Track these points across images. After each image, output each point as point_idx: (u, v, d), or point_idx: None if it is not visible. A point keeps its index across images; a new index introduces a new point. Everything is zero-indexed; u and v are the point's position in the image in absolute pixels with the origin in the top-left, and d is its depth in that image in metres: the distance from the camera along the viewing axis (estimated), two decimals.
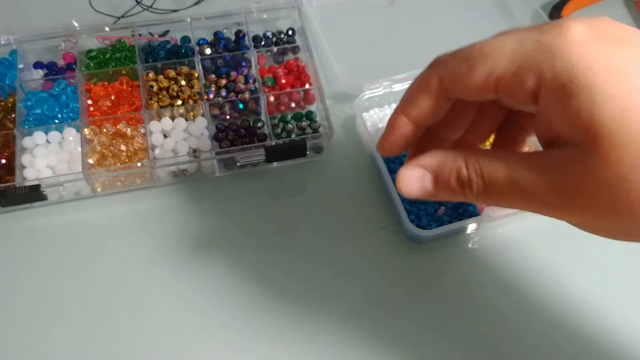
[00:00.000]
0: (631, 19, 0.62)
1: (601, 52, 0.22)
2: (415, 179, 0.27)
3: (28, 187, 0.43)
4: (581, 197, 0.23)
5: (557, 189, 0.23)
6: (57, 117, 0.48)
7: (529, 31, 0.24)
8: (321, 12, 0.58)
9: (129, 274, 0.43)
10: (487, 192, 0.25)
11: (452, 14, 0.60)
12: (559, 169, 0.23)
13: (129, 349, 0.40)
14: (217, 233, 0.46)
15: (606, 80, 0.22)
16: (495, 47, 0.24)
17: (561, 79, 0.22)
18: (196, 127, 0.49)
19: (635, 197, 0.22)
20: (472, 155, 0.26)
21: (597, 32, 0.23)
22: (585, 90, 0.22)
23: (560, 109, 0.23)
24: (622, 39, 0.23)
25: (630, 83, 0.22)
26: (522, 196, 0.24)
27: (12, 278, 0.43)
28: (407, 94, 0.28)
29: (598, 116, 0.22)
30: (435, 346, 0.41)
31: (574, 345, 0.41)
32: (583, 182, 0.22)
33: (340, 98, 0.53)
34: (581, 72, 0.22)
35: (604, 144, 0.22)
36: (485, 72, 0.24)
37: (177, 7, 0.58)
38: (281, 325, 0.42)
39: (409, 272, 0.44)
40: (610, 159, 0.22)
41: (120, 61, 0.52)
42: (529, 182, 0.24)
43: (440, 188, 0.27)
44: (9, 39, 0.52)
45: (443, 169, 0.26)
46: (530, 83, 0.23)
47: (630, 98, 0.21)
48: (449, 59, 0.26)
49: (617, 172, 0.22)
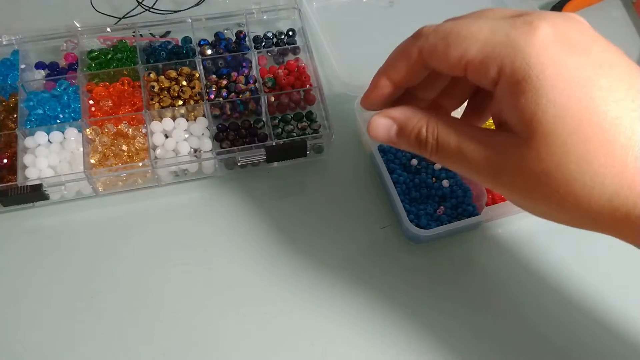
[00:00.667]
0: (630, 20, 0.62)
1: (556, 58, 0.25)
2: (383, 126, 0.31)
3: (30, 187, 0.44)
4: (509, 177, 0.27)
5: (492, 167, 0.28)
6: (58, 117, 0.49)
7: (504, 21, 0.27)
8: (321, 13, 0.58)
9: (130, 273, 0.44)
10: (438, 154, 0.30)
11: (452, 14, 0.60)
12: (498, 151, 0.28)
13: (131, 349, 0.41)
14: (217, 232, 0.46)
15: (553, 85, 0.25)
16: (472, 33, 0.27)
17: (517, 76, 0.26)
18: (197, 127, 0.49)
19: (553, 188, 0.26)
20: (434, 119, 0.30)
21: (560, 35, 0.26)
22: (534, 91, 0.25)
23: (511, 101, 0.26)
24: (578, 46, 0.26)
25: (572, 91, 0.25)
26: (464, 164, 0.29)
27: (14, 277, 0.43)
28: (390, 58, 0.31)
29: (539, 116, 0.25)
30: (435, 346, 0.41)
31: (573, 344, 0.41)
32: (514, 166, 0.27)
33: (340, 98, 0.53)
34: (535, 74, 0.25)
35: (539, 140, 0.26)
36: (459, 54, 0.28)
37: (178, 8, 0.58)
38: (281, 326, 0.42)
39: (408, 272, 0.44)
40: (540, 154, 0.26)
41: (121, 62, 0.52)
42: (472, 155, 0.28)
43: (402, 139, 0.31)
44: (11, 39, 0.52)
45: (407, 125, 0.31)
46: (492, 73, 0.27)
47: (568, 105, 0.25)
48: (430, 34, 0.29)
49: (544, 166, 0.26)
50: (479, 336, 0.42)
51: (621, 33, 0.61)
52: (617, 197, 0.25)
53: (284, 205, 0.48)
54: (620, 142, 0.25)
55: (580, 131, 0.25)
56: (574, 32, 0.26)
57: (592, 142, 0.25)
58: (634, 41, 0.60)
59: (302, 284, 0.43)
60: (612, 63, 0.26)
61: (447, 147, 0.29)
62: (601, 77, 0.25)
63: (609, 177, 0.25)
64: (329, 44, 0.54)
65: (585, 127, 0.25)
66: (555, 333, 0.42)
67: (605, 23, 0.61)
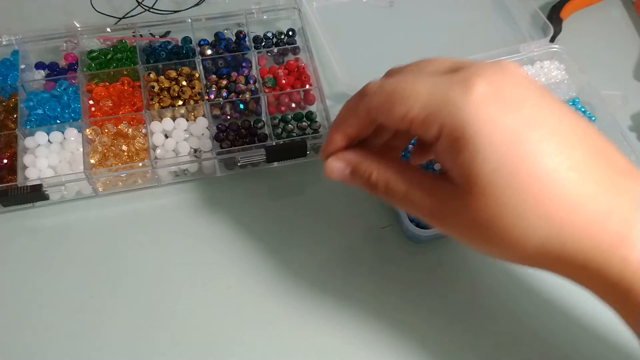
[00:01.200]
0: (630, 20, 0.62)
1: (491, 117, 0.28)
2: (337, 169, 0.35)
3: (30, 187, 0.44)
4: (451, 223, 0.31)
5: (436, 214, 0.31)
6: (58, 118, 0.49)
7: (443, 79, 0.29)
8: (321, 13, 0.58)
9: (130, 273, 0.44)
10: (388, 197, 0.33)
11: (452, 14, 0.61)
12: (442, 200, 0.31)
13: (131, 349, 0.41)
14: (217, 233, 0.46)
15: (489, 143, 0.27)
16: (413, 92, 0.30)
17: (455, 134, 0.28)
18: (197, 127, 0.49)
19: (492, 235, 0.29)
20: (384, 165, 0.33)
21: (494, 92, 0.28)
22: (471, 149, 0.28)
23: (451, 157, 0.29)
24: (512, 102, 0.28)
25: (506, 149, 0.27)
26: (411, 209, 0.32)
27: (14, 277, 0.43)
28: (341, 115, 0.34)
29: (476, 171, 0.28)
30: (435, 345, 0.41)
31: (574, 344, 0.41)
32: (456, 214, 0.30)
33: (340, 98, 0.53)
34: (471, 133, 0.28)
35: (477, 193, 0.28)
36: (403, 112, 0.30)
37: (178, 8, 0.58)
38: (280, 326, 0.42)
39: (408, 271, 0.44)
40: (479, 205, 0.29)
41: (121, 62, 0.52)
42: (418, 202, 0.32)
43: (355, 181, 0.34)
44: (11, 39, 0.52)
45: (359, 168, 0.34)
46: (434, 130, 0.29)
47: (502, 161, 0.27)
48: (375, 93, 0.31)
49: (483, 216, 0.29)
50: (480, 335, 0.42)
51: (621, 33, 0.61)
52: (548, 240, 0.28)
53: (284, 205, 0.48)
54: (550, 193, 0.28)
55: (514, 185, 0.27)
56: (508, 87, 0.29)
57: (525, 195, 0.28)
58: (634, 41, 0.60)
59: (302, 284, 0.43)
60: (545, 116, 0.28)
61: (395, 193, 0.32)
62: (533, 132, 0.28)
63: (540, 224, 0.28)
64: (329, 44, 0.54)
65: (518, 181, 0.27)
66: (557, 330, 0.42)
67: (605, 23, 0.62)
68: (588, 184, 0.28)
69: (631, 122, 0.53)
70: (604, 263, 0.28)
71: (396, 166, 0.33)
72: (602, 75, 0.54)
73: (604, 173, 0.28)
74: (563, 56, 0.54)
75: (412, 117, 0.30)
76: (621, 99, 0.51)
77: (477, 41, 0.57)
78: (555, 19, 0.57)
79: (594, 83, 0.52)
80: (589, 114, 0.51)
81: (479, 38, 0.58)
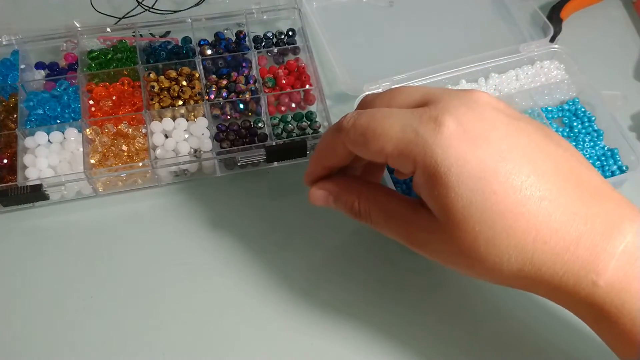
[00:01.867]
0: (630, 20, 0.62)
1: (460, 154, 0.29)
2: (320, 196, 0.37)
3: (30, 187, 0.44)
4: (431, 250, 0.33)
5: (416, 241, 0.34)
6: (58, 118, 0.49)
7: (413, 115, 0.31)
8: (321, 13, 0.58)
9: (130, 273, 0.44)
10: (370, 224, 0.35)
11: (452, 14, 0.61)
12: (421, 230, 0.33)
13: (131, 349, 0.41)
14: (217, 232, 0.46)
15: (459, 181, 0.29)
16: (385, 130, 0.31)
17: (428, 171, 0.30)
18: (197, 127, 0.49)
19: (469, 262, 0.31)
20: (365, 193, 0.35)
21: (462, 129, 0.29)
22: (443, 185, 0.29)
23: (427, 191, 0.31)
24: (479, 137, 0.29)
25: (475, 185, 0.29)
26: (392, 235, 0.35)
27: (13, 277, 0.43)
28: (320, 148, 0.36)
29: (449, 206, 0.30)
30: (436, 345, 0.41)
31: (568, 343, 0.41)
32: (434, 242, 0.32)
33: (340, 98, 0.53)
34: (443, 170, 0.29)
35: (452, 227, 0.30)
36: (377, 149, 0.31)
37: (178, 8, 0.58)
38: (281, 326, 0.42)
39: (409, 272, 0.44)
40: (454, 237, 0.30)
41: (121, 62, 0.52)
42: (398, 230, 0.34)
43: (339, 207, 0.37)
44: (11, 39, 0.52)
45: (341, 196, 0.36)
46: (409, 166, 0.31)
47: (473, 197, 0.29)
48: (350, 130, 0.32)
49: (458, 247, 0.31)
50: (480, 335, 0.42)
51: (621, 33, 0.61)
52: (523, 266, 0.30)
53: (284, 205, 0.48)
54: (521, 226, 0.29)
55: (485, 220, 0.29)
56: (475, 122, 0.30)
57: (497, 227, 0.29)
58: (634, 41, 0.60)
59: (302, 284, 0.43)
60: (512, 147, 0.30)
61: (377, 220, 0.35)
62: (501, 166, 0.29)
63: (514, 254, 0.30)
64: (329, 44, 0.54)
65: (489, 216, 0.29)
66: (557, 329, 0.42)
67: (605, 23, 0.62)
68: (558, 212, 0.29)
69: (631, 122, 0.53)
70: (576, 286, 0.30)
71: (377, 195, 0.35)
72: (602, 75, 0.54)
73: (574, 198, 0.30)
74: (563, 56, 0.54)
75: (387, 154, 0.31)
76: (621, 99, 0.51)
77: (477, 41, 0.57)
78: (555, 19, 0.57)
79: (594, 83, 0.51)
80: (589, 114, 0.51)
81: (479, 38, 0.58)
